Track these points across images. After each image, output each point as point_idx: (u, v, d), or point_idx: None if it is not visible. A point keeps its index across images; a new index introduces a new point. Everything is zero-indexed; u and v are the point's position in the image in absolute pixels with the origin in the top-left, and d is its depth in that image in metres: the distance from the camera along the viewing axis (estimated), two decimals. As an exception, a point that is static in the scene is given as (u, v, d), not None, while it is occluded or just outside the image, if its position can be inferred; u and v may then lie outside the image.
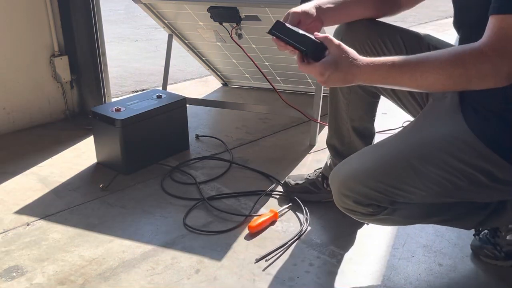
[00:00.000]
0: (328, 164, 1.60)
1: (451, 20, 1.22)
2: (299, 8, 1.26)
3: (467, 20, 1.14)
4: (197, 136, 2.16)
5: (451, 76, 0.99)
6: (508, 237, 1.27)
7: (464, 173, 1.09)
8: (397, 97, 1.38)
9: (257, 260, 1.34)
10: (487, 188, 1.11)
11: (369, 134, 1.54)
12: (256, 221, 1.48)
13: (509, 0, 0.94)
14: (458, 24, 1.17)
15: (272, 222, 1.51)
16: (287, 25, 1.14)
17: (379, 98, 1.48)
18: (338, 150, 1.56)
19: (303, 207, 1.58)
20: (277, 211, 1.53)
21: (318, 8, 1.28)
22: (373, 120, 1.54)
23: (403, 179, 1.13)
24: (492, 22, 0.95)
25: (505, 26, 0.93)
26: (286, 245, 1.40)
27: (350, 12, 1.33)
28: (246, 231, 1.47)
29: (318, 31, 1.20)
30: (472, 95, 1.10)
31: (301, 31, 1.11)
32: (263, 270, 1.31)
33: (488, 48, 0.95)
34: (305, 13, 1.25)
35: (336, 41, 1.06)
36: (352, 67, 1.03)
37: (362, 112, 1.49)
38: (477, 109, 1.09)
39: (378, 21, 1.36)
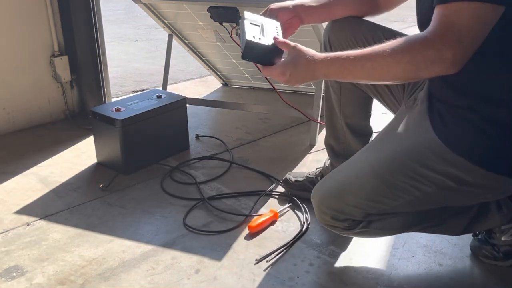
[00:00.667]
0: (327, 164, 1.61)
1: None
2: (276, 5, 1.31)
3: (426, 19, 1.16)
4: (197, 136, 2.16)
5: (400, 62, 1.02)
6: (503, 238, 1.28)
7: (431, 179, 1.12)
8: (378, 92, 1.41)
9: (258, 261, 1.34)
10: (457, 192, 1.13)
11: (365, 132, 1.54)
12: (256, 221, 1.48)
13: None
14: (420, 23, 1.19)
15: (272, 222, 1.51)
16: (247, 18, 1.18)
17: None
18: (334, 150, 1.57)
19: (303, 207, 1.58)
20: (277, 211, 1.53)
21: (300, 6, 1.32)
22: (368, 117, 1.55)
23: (375, 191, 1.18)
24: (436, 12, 0.99)
25: (448, 14, 0.97)
26: (287, 245, 1.40)
27: (331, 11, 1.37)
28: (246, 231, 1.47)
29: (296, 28, 1.29)
30: (437, 94, 1.12)
31: (249, 32, 1.15)
32: (263, 270, 1.31)
33: (432, 35, 0.98)
34: (283, 10, 1.30)
35: (292, 43, 1.13)
36: (310, 63, 1.10)
37: (354, 108, 1.50)
38: (442, 114, 1.10)
39: (363, 19, 1.39)
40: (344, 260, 1.35)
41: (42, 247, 1.41)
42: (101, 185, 1.72)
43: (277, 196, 1.68)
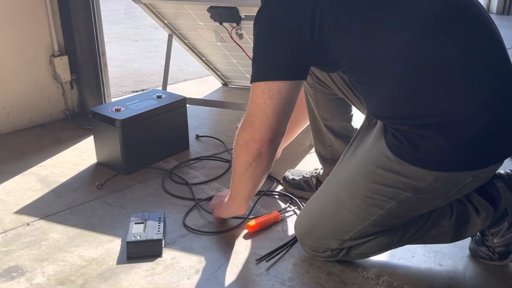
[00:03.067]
0: (321, 171, 1.63)
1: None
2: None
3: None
4: (197, 136, 2.16)
5: (235, 158, 1.21)
6: (495, 240, 1.28)
7: (388, 194, 1.15)
8: (347, 98, 1.43)
9: (258, 261, 1.34)
10: (418, 202, 1.16)
11: (347, 133, 1.54)
12: (256, 221, 1.48)
13: (256, 70, 1.09)
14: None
15: (273, 223, 1.51)
16: (132, 220, 1.43)
17: None
18: (322, 156, 1.60)
19: (303, 207, 1.57)
20: (280, 213, 1.53)
21: None
22: (349, 119, 1.55)
23: (340, 219, 1.23)
24: None
25: (250, 95, 1.12)
26: (287, 245, 1.40)
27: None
28: (246, 231, 1.47)
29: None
30: (387, 121, 1.15)
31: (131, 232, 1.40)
32: (263, 270, 1.31)
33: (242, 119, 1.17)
34: None
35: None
36: (220, 208, 1.44)
37: (332, 111, 1.51)
38: (388, 129, 1.14)
39: None
40: (344, 260, 1.35)
41: (42, 247, 1.41)
42: (97, 183, 1.72)
43: (277, 196, 1.68)
